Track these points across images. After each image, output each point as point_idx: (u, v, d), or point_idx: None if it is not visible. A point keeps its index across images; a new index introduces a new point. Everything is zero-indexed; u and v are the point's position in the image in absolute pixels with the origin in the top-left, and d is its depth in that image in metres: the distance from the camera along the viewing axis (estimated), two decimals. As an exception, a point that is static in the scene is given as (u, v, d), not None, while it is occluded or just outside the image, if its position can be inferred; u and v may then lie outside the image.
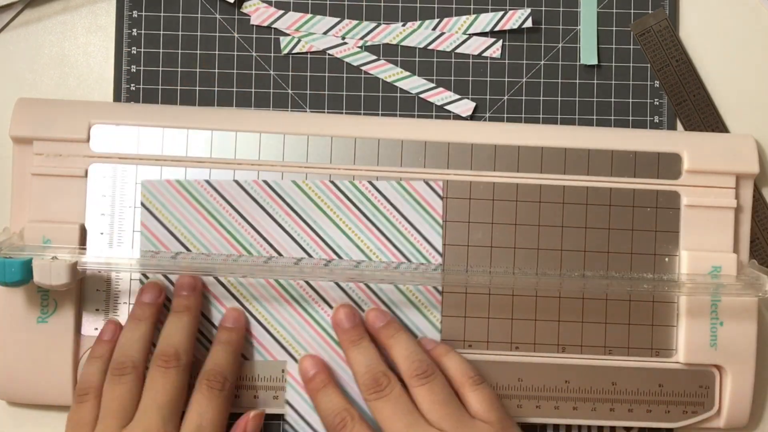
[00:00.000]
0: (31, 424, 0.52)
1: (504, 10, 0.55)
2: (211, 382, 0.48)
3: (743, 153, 0.53)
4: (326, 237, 0.51)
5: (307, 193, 0.51)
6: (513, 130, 0.53)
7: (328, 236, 0.51)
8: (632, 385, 0.52)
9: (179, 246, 0.51)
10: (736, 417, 0.52)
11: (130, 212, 0.52)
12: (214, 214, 0.51)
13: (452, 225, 0.52)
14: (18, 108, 0.52)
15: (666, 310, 0.52)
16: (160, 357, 0.48)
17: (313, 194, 0.51)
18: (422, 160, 0.52)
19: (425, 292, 0.52)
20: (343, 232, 0.51)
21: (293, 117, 0.53)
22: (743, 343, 0.52)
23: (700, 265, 0.52)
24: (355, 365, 0.50)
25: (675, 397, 0.52)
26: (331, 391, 0.50)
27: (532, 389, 0.52)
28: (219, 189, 0.51)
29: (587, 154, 0.52)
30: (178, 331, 0.49)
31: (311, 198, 0.51)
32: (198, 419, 0.47)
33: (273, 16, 0.54)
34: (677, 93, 0.54)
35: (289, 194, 0.51)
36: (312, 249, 0.51)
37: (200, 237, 0.51)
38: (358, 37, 0.54)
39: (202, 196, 0.51)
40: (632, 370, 0.52)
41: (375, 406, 0.48)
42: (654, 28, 0.54)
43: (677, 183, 0.52)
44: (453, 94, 0.54)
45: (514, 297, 0.52)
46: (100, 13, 0.55)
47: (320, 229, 0.51)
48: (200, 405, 0.47)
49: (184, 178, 0.51)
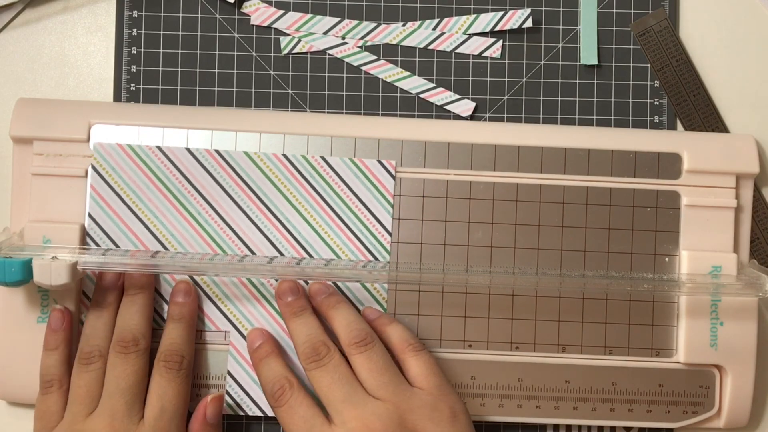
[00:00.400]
0: (30, 423, 0.52)
1: (504, 10, 0.55)
2: (169, 363, 0.48)
3: (743, 153, 0.53)
4: (276, 210, 0.51)
5: (258, 164, 0.51)
6: (513, 130, 0.53)
7: (278, 210, 0.51)
8: (632, 385, 0.52)
9: (127, 211, 0.51)
10: (737, 417, 0.52)
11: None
12: (164, 180, 0.51)
13: (452, 225, 0.52)
14: (18, 108, 0.52)
15: (666, 310, 0.52)
16: (119, 343, 0.48)
17: (265, 166, 0.51)
18: (422, 161, 0.52)
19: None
20: (294, 207, 0.51)
21: (293, 117, 0.53)
22: (743, 343, 0.52)
23: (700, 265, 0.52)
24: (296, 336, 0.49)
25: (675, 397, 0.52)
26: (272, 361, 0.49)
27: (533, 389, 0.52)
28: (170, 156, 0.51)
29: (587, 154, 0.52)
30: (133, 315, 0.49)
31: (262, 170, 0.51)
32: (160, 401, 0.48)
33: (273, 16, 0.54)
34: (677, 93, 0.54)
35: (241, 165, 0.51)
36: (261, 222, 0.51)
37: (149, 203, 0.51)
38: (358, 37, 0.54)
39: (153, 163, 0.51)
40: (632, 370, 0.52)
41: (313, 375, 0.48)
42: (654, 27, 0.54)
43: (677, 183, 0.52)
44: (453, 94, 0.54)
45: (514, 297, 0.52)
46: (100, 13, 0.55)
47: (270, 202, 0.51)
48: (160, 386, 0.48)
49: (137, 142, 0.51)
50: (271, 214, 0.51)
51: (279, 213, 0.51)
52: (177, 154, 0.51)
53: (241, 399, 0.51)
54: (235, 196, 0.51)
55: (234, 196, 0.51)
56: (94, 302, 0.50)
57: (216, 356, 0.51)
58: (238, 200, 0.51)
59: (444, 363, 0.52)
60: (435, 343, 0.52)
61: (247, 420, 0.53)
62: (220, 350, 0.51)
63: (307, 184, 0.51)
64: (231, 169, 0.51)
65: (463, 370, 0.52)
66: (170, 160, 0.51)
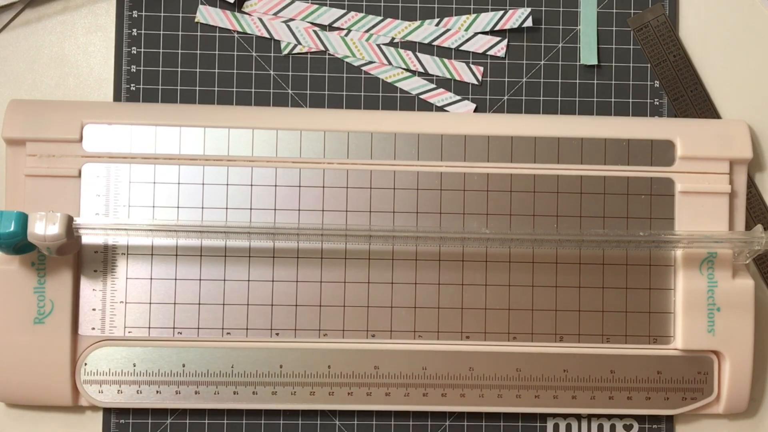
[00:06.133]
0: (29, 425, 0.52)
1: (504, 10, 0.55)
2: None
3: (736, 138, 0.53)
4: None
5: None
6: (506, 121, 0.53)
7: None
8: (631, 373, 0.52)
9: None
10: (735, 402, 0.52)
11: (124, 211, 0.51)
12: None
13: (447, 217, 0.52)
14: (10, 110, 0.52)
15: (663, 297, 0.52)
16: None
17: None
18: (416, 153, 0.52)
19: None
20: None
21: (286, 112, 0.53)
22: (741, 328, 0.52)
23: (695, 250, 0.52)
24: None
25: (674, 384, 0.52)
26: None
27: (531, 379, 0.52)
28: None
29: (580, 143, 0.52)
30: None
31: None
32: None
33: (279, 5, 0.54)
34: (675, 89, 0.54)
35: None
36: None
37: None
38: (363, 30, 0.54)
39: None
40: (631, 357, 0.52)
41: None
42: (652, 23, 0.54)
43: (671, 170, 0.53)
44: (453, 95, 0.54)
45: (510, 288, 0.52)
46: (100, 13, 0.55)
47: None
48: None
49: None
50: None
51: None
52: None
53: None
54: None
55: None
56: None
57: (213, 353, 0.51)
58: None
59: (442, 355, 0.51)
60: (433, 335, 0.52)
61: (247, 420, 0.53)
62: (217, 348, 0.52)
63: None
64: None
65: (461, 361, 0.52)
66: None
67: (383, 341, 0.52)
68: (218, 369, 0.51)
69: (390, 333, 0.52)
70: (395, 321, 0.52)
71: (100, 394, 0.51)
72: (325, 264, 0.52)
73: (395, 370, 0.52)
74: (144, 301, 0.52)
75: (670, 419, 0.54)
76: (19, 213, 0.47)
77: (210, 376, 0.51)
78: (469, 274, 0.52)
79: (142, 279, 0.52)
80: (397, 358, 0.52)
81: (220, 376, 0.51)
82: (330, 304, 0.52)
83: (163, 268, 0.52)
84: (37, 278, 0.51)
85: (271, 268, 0.52)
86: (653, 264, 0.52)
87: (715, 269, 0.52)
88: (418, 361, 0.52)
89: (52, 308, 0.51)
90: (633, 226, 0.52)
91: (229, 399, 0.52)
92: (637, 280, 0.52)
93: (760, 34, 0.55)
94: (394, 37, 0.54)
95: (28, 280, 0.51)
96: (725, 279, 0.52)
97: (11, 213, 0.47)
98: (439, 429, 0.53)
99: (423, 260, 0.52)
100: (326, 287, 0.52)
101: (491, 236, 0.50)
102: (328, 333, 0.52)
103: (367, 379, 0.52)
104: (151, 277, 0.52)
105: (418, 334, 0.52)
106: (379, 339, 0.52)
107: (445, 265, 0.52)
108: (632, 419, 0.54)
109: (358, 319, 0.52)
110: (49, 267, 0.51)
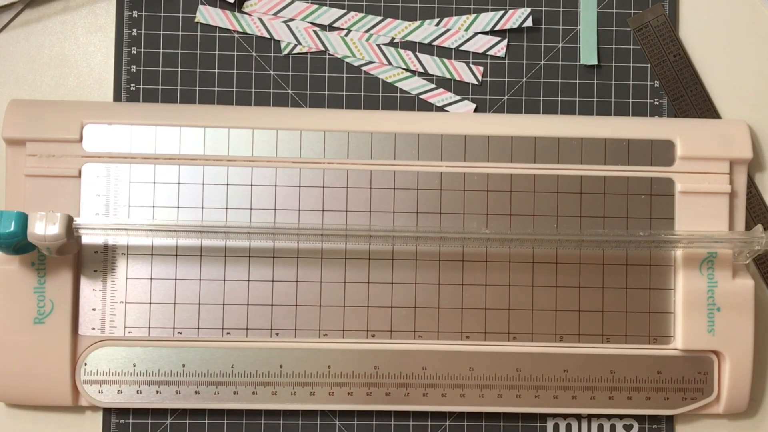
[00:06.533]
0: (29, 425, 0.52)
1: (504, 10, 0.55)
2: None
3: (736, 138, 0.53)
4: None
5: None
6: (506, 121, 0.53)
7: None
8: (631, 373, 0.52)
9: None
10: (736, 402, 0.52)
11: (124, 211, 0.51)
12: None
13: (447, 217, 0.52)
14: (10, 110, 0.52)
15: (663, 297, 0.52)
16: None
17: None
18: (416, 153, 0.52)
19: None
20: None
21: (286, 112, 0.53)
22: (741, 328, 0.52)
23: (695, 250, 0.52)
24: None
25: (674, 384, 0.52)
26: None
27: (531, 379, 0.52)
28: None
29: (580, 143, 0.52)
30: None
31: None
32: None
33: (279, 5, 0.54)
34: (675, 89, 0.54)
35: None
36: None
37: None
38: (363, 30, 0.54)
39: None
40: (631, 357, 0.52)
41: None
42: (652, 23, 0.54)
43: (671, 170, 0.53)
44: (453, 95, 0.54)
45: (510, 288, 0.52)
46: (100, 13, 0.55)
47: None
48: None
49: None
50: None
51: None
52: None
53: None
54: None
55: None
56: None
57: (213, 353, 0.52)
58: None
59: (442, 355, 0.51)
60: (433, 335, 0.52)
61: (247, 420, 0.53)
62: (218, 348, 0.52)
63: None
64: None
65: (461, 361, 0.52)
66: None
67: (383, 341, 0.52)
68: (218, 369, 0.51)
69: (390, 333, 0.52)
70: (395, 321, 0.52)
71: (100, 394, 0.51)
72: (325, 264, 0.52)
73: (395, 370, 0.52)
74: (144, 301, 0.52)
75: (670, 419, 0.54)
76: (19, 213, 0.47)
77: (210, 376, 0.51)
78: (469, 274, 0.52)
79: (142, 279, 0.52)
80: (397, 358, 0.52)
81: (220, 376, 0.51)
82: (330, 304, 0.52)
83: (163, 268, 0.52)
84: (37, 278, 0.51)
85: (271, 268, 0.52)
86: (653, 264, 0.52)
87: (715, 269, 0.52)
88: (418, 361, 0.52)
89: (52, 308, 0.51)
90: (633, 226, 0.52)
91: (229, 399, 0.52)
92: (637, 280, 0.52)
93: (760, 35, 0.55)
94: (394, 37, 0.54)
95: (28, 280, 0.51)
96: (725, 279, 0.52)
97: (11, 213, 0.47)
98: (439, 429, 0.53)
99: (423, 260, 0.52)
100: (326, 287, 0.52)
101: (491, 236, 0.50)
102: (328, 333, 0.52)
103: (367, 379, 0.52)
104: (151, 277, 0.52)
105: (418, 334, 0.52)
106: (379, 339, 0.52)
107: (445, 265, 0.52)
108: (632, 419, 0.54)
109: (358, 319, 0.52)
110: (49, 267, 0.51)
